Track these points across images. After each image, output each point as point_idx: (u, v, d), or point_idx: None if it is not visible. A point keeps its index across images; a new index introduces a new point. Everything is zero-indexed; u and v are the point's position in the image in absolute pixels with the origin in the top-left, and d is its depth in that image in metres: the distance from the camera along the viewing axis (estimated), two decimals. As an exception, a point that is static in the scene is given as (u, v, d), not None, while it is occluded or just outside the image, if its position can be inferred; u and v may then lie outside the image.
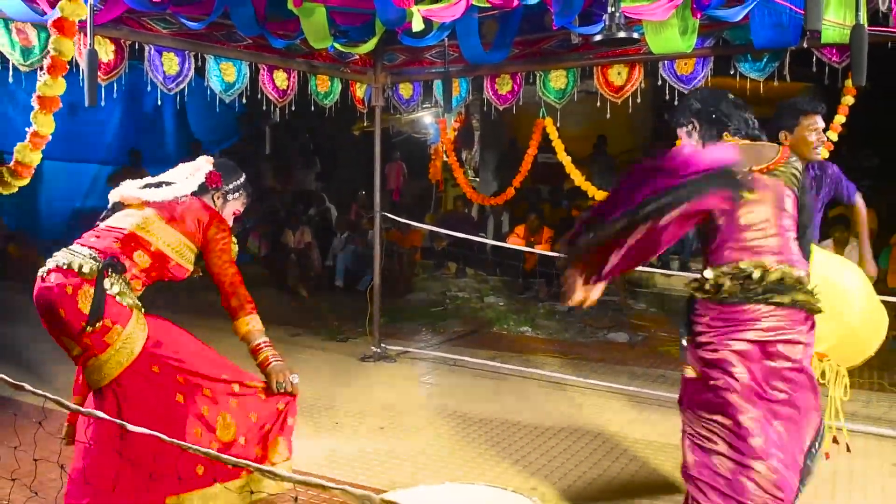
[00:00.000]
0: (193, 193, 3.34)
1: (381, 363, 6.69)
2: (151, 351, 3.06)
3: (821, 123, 3.91)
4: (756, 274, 2.52)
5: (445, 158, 8.07)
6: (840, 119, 5.27)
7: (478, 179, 13.16)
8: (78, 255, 3.03)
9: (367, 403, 5.41)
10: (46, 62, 3.14)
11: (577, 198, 10.62)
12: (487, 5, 4.80)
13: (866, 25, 3.78)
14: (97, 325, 2.92)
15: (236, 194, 3.53)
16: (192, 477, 3.04)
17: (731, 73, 5.61)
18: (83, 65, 4.45)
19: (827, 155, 5.45)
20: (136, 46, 5.66)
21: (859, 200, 4.36)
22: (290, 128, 13.87)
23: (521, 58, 6.27)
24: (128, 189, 3.30)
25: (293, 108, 6.68)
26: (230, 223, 3.47)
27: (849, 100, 5.22)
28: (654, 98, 5.73)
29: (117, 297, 3.01)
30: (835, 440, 3.97)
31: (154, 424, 2.55)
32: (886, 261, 7.81)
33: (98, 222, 3.26)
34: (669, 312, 8.57)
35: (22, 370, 5.89)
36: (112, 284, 3.01)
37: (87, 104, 4.39)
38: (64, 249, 3.08)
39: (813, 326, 2.70)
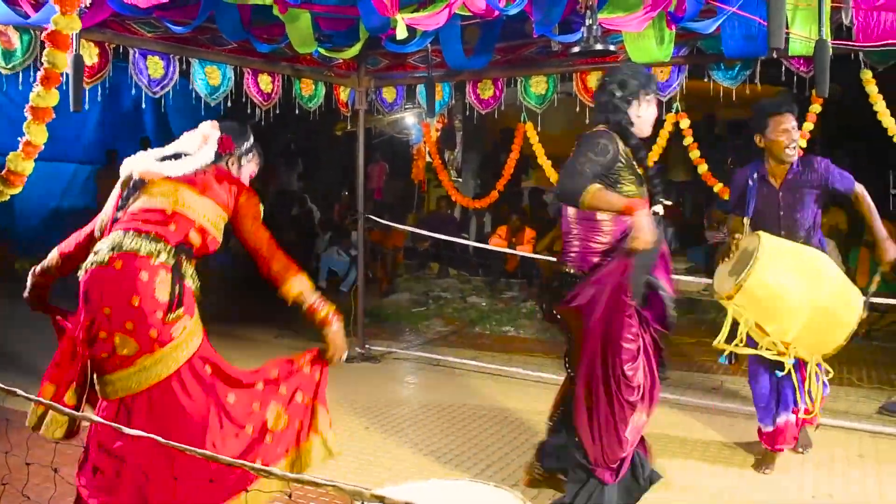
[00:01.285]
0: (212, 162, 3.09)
1: (365, 364, 6.80)
2: (206, 345, 2.90)
3: (790, 123, 4.12)
4: None
5: (429, 160, 8.17)
6: (808, 126, 5.43)
7: (460, 180, 13.27)
8: (142, 239, 2.81)
9: (352, 404, 5.52)
10: (40, 74, 3.17)
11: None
12: (469, 14, 4.91)
13: (830, 40, 3.92)
14: (176, 312, 2.77)
15: (249, 156, 3.31)
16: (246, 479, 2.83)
17: (706, 79, 5.78)
18: (69, 69, 4.40)
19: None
20: (121, 49, 5.69)
21: (859, 189, 4.20)
22: (273, 128, 13.90)
23: (503, 64, 6.40)
24: (145, 163, 3.03)
25: (277, 111, 6.76)
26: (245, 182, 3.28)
27: (816, 108, 5.38)
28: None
29: (188, 283, 2.87)
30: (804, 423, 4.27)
31: (200, 427, 2.68)
32: (856, 261, 7.93)
33: (121, 202, 3.02)
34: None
35: (11, 374, 5.92)
36: (185, 270, 2.88)
37: (72, 109, 4.40)
38: (117, 234, 2.85)
39: None
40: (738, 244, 4.06)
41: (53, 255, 3.19)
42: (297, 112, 6.98)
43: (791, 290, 3.72)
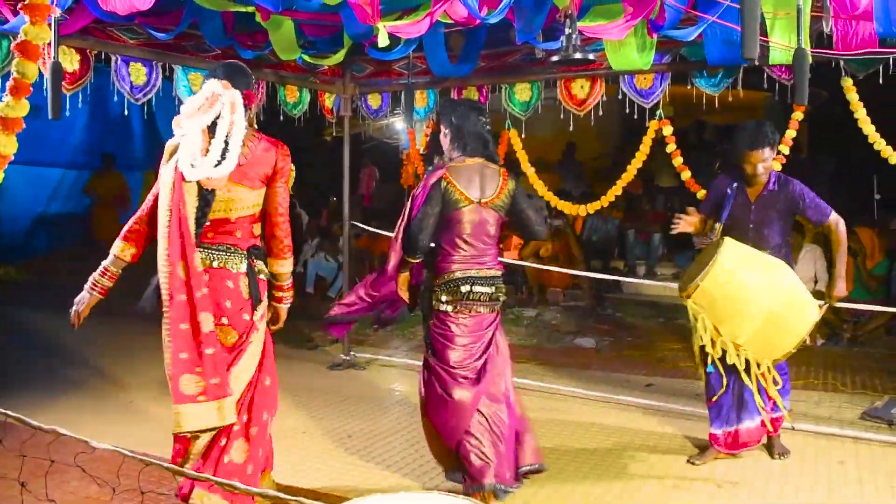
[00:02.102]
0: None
1: (350, 371, 6.79)
2: None
3: (764, 156, 4.31)
4: None
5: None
6: (791, 133, 5.45)
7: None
8: (223, 254, 3.34)
9: (336, 411, 5.51)
10: (9, 83, 3.15)
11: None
12: (451, 21, 4.92)
13: (809, 48, 3.94)
14: (261, 304, 3.43)
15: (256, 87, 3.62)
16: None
17: (689, 86, 5.80)
18: (47, 75, 4.40)
19: (779, 167, 5.65)
20: (103, 55, 5.66)
21: (833, 221, 4.32)
22: (262, 128, 13.83)
23: (487, 70, 6.41)
24: (205, 171, 3.19)
25: (261, 118, 6.75)
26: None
27: (798, 115, 5.39)
28: (621, 104, 5.91)
29: (261, 278, 3.47)
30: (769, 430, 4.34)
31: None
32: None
33: (199, 213, 3.27)
34: (636, 317, 8.75)
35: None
36: (258, 269, 3.44)
37: (50, 117, 4.38)
38: (204, 251, 3.30)
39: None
40: (705, 247, 4.30)
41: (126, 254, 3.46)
42: (282, 118, 6.97)
43: (746, 295, 3.84)
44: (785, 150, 5.45)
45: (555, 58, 4.04)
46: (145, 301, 4.03)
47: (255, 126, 3.58)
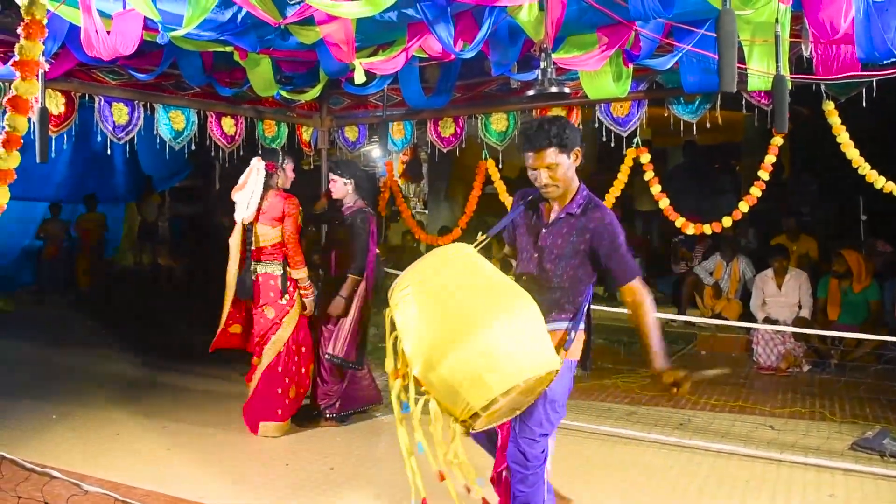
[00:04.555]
0: (265, 187, 5.32)
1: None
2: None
3: (547, 160, 3.16)
4: None
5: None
6: (770, 159, 5.45)
7: (426, 211, 13.24)
8: (266, 265, 5.40)
9: (322, 444, 5.39)
10: (1, 137, 3.22)
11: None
12: (427, 56, 4.91)
13: (788, 75, 3.94)
14: (286, 296, 5.43)
15: (285, 163, 5.46)
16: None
17: (666, 113, 5.81)
18: (34, 120, 4.43)
19: (758, 192, 5.65)
20: (87, 96, 5.71)
21: (634, 289, 3.18)
22: (242, 162, 13.81)
23: (463, 101, 6.41)
24: (241, 213, 5.34)
25: (241, 152, 6.72)
26: (289, 182, 5.51)
27: (778, 140, 5.40)
28: (597, 130, 5.92)
29: (291, 276, 5.46)
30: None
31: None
32: (825, 290, 7.76)
33: (248, 239, 5.37)
34: (615, 343, 8.61)
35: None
36: (288, 271, 5.43)
37: (38, 160, 4.47)
38: (255, 263, 5.39)
39: None
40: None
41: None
42: (259, 152, 6.92)
43: (417, 329, 2.84)
44: (764, 175, 5.45)
45: (531, 92, 4.01)
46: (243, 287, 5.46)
47: (277, 185, 5.42)
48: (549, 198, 3.26)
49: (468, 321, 2.73)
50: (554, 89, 3.88)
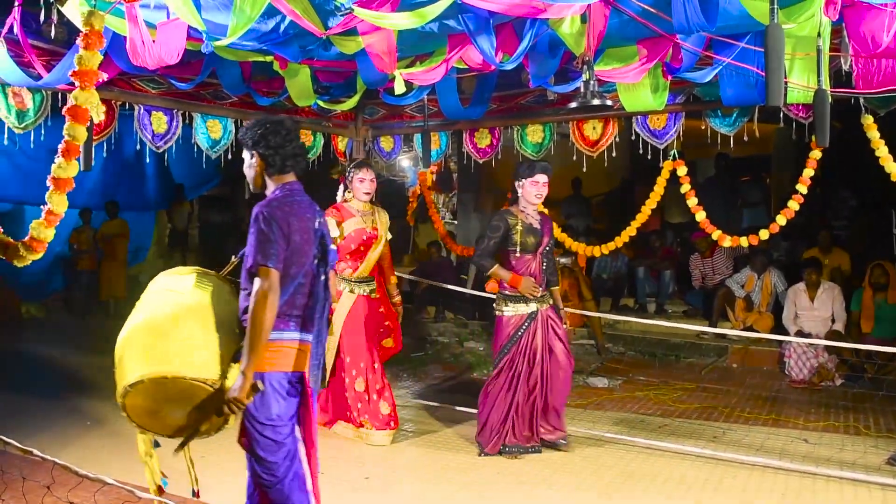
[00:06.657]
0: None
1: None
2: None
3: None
4: None
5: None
6: (809, 172, 5.44)
7: (455, 222, 13.28)
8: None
9: (349, 454, 5.43)
10: (61, 146, 3.27)
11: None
12: (466, 67, 4.96)
13: (829, 89, 3.95)
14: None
15: (352, 174, 5.48)
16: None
17: (703, 126, 5.82)
18: None
19: (796, 206, 5.64)
20: (126, 104, 5.81)
21: (258, 286, 3.01)
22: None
23: (499, 112, 6.45)
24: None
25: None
26: (363, 189, 5.46)
27: (816, 154, 5.39)
28: (630, 142, 5.93)
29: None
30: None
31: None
32: (858, 304, 7.73)
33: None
34: (647, 356, 8.64)
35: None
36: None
37: (82, 169, 4.51)
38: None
39: None
40: None
41: None
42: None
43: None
44: (802, 188, 5.44)
45: (573, 104, 4.05)
46: None
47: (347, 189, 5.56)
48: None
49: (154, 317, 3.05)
50: (596, 101, 3.91)
